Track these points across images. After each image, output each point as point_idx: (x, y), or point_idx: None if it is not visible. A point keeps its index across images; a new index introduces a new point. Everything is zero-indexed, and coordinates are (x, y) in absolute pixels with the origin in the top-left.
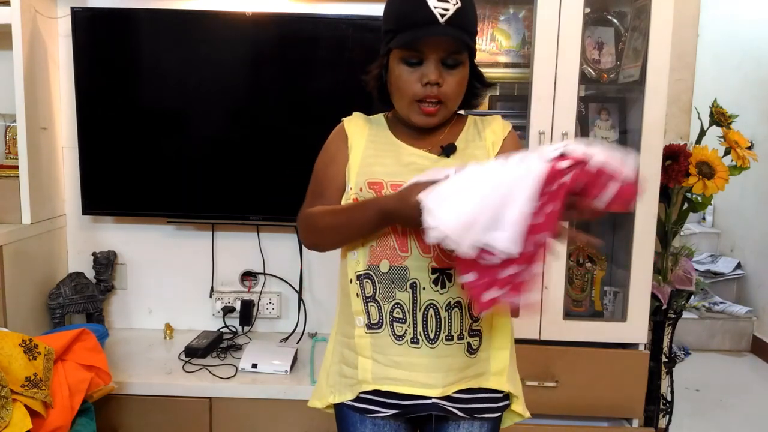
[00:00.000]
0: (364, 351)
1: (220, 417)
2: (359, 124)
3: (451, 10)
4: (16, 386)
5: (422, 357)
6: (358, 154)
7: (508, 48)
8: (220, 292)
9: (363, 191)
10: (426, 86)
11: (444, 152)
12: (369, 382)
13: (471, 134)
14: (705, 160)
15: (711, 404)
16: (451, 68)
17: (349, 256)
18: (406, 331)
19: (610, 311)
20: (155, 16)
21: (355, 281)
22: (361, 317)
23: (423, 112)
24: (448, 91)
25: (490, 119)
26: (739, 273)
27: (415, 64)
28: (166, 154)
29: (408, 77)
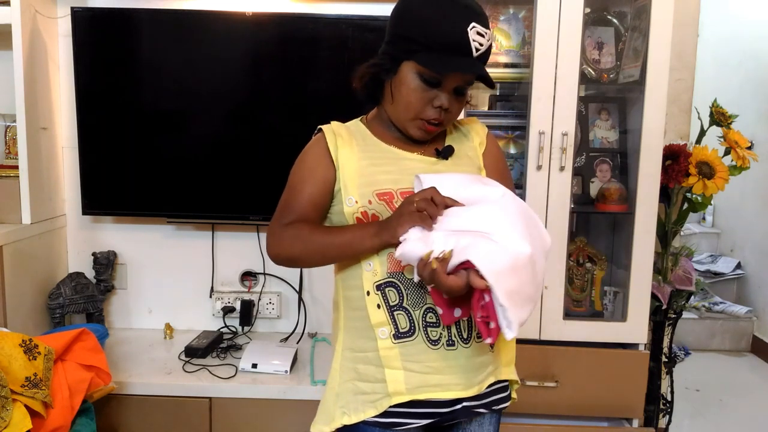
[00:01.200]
0: (393, 362)
1: (220, 417)
2: (342, 134)
3: (485, 46)
4: (16, 386)
5: (459, 358)
6: (352, 166)
7: (508, 48)
8: (220, 292)
9: (373, 203)
10: (436, 109)
11: (441, 155)
12: (403, 393)
13: (457, 136)
14: (705, 160)
15: (711, 404)
16: (459, 95)
17: (364, 267)
18: (441, 335)
19: (610, 311)
20: (155, 16)
21: (374, 292)
22: (386, 328)
23: (426, 130)
24: (451, 117)
25: (468, 121)
26: (739, 273)
27: (431, 85)
28: (166, 154)
29: (422, 95)
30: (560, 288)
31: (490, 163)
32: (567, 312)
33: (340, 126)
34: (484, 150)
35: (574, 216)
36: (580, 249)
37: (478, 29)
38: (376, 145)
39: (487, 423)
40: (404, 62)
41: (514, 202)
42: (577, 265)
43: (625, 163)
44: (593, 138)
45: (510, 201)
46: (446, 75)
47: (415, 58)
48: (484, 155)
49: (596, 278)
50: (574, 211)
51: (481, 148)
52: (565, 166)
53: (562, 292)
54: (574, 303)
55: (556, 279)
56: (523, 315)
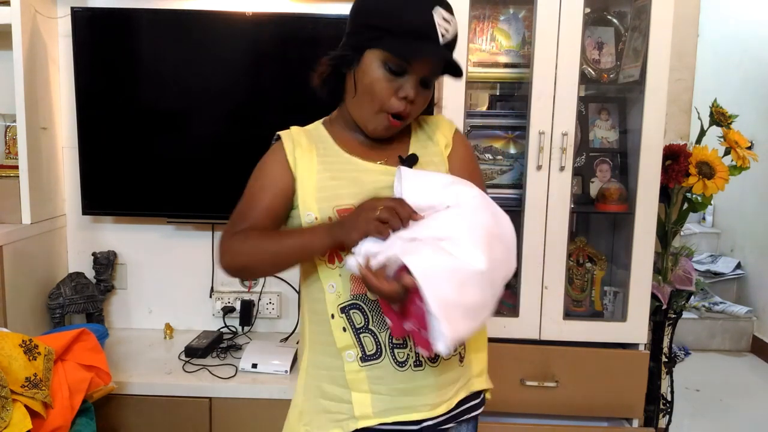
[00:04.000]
0: (360, 385)
1: (220, 417)
2: (302, 143)
3: (451, 32)
4: (16, 386)
5: (427, 378)
6: (311, 178)
7: (508, 48)
8: (220, 292)
9: (333, 220)
10: (401, 100)
11: (406, 163)
12: (370, 417)
13: (422, 139)
14: (705, 160)
15: (711, 404)
16: (426, 87)
17: (326, 290)
18: (408, 356)
19: (610, 311)
20: (155, 16)
21: (339, 315)
22: (353, 351)
23: (389, 123)
24: (417, 110)
25: (434, 120)
26: (739, 273)
27: (396, 74)
28: (166, 154)
29: (386, 85)
30: (560, 288)
31: (457, 165)
32: (567, 312)
33: (300, 132)
34: (450, 152)
35: (574, 216)
36: (580, 249)
37: (443, 14)
38: (337, 155)
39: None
40: (367, 51)
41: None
42: (577, 265)
43: (625, 163)
44: (593, 138)
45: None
46: (412, 63)
47: (380, 45)
48: (449, 157)
49: (596, 278)
50: (574, 211)
51: (447, 150)
52: (565, 166)
53: (562, 292)
54: (574, 303)
55: (556, 279)
56: (461, 330)
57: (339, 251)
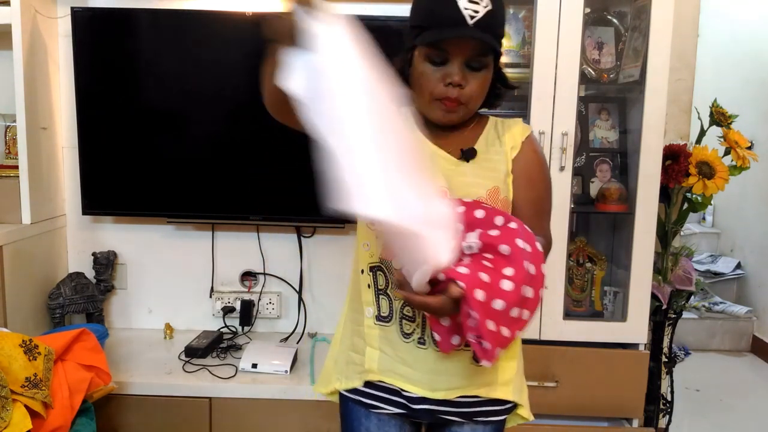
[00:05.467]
0: (372, 341)
1: (220, 417)
2: None
3: (481, 12)
4: (16, 386)
5: (427, 359)
6: None
7: (508, 48)
8: (220, 292)
9: None
10: (448, 86)
11: (464, 156)
12: (375, 372)
13: (491, 138)
14: (705, 160)
15: (711, 404)
16: (475, 70)
17: (361, 248)
18: (414, 330)
19: (610, 311)
20: (155, 16)
21: (368, 272)
22: (371, 308)
23: (444, 107)
24: (470, 93)
25: (510, 122)
26: (739, 273)
27: (439, 64)
28: (166, 154)
29: (431, 75)
30: (560, 288)
31: (520, 168)
32: (567, 312)
33: None
34: (516, 154)
35: (574, 216)
36: (580, 249)
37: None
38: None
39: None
40: (414, 51)
41: None
42: (577, 265)
43: (625, 163)
44: (593, 138)
45: None
46: (448, 49)
47: (417, 40)
48: (515, 160)
49: (596, 278)
50: (574, 211)
51: (513, 153)
52: (565, 166)
53: (562, 292)
54: (574, 303)
55: (556, 279)
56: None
57: None
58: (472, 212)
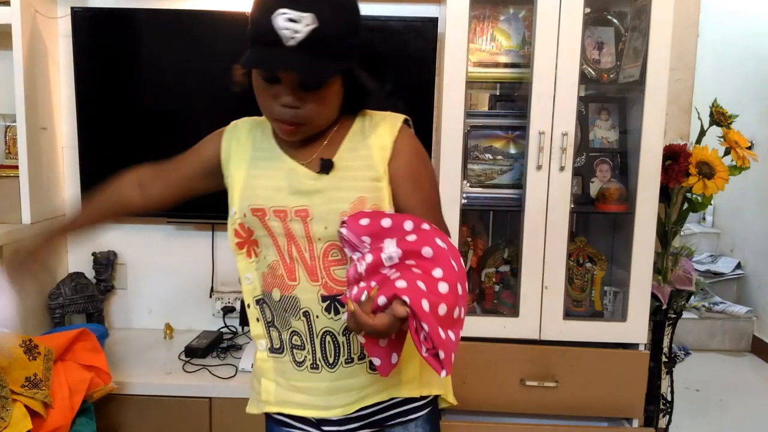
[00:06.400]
0: (268, 373)
1: (220, 417)
2: (242, 138)
3: (302, 32)
4: (16, 386)
5: (322, 381)
6: (241, 172)
7: (508, 48)
8: (220, 292)
9: (247, 217)
10: (283, 107)
11: (322, 169)
12: (272, 404)
13: (355, 142)
14: (705, 160)
15: (711, 404)
16: (312, 89)
17: (243, 281)
18: (305, 358)
19: (610, 311)
20: (155, 16)
21: (254, 306)
22: (263, 341)
23: (284, 131)
24: (308, 114)
25: (378, 119)
26: (739, 273)
27: (270, 81)
28: (166, 154)
29: (266, 93)
30: (560, 288)
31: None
32: (567, 312)
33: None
34: (390, 155)
35: (574, 216)
36: (580, 249)
37: (289, 15)
38: (270, 148)
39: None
40: None
41: None
42: (577, 265)
43: (625, 163)
44: (593, 138)
45: None
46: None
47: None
48: (391, 162)
49: (596, 278)
50: (574, 211)
51: (384, 153)
52: (565, 166)
53: (562, 292)
54: (574, 303)
55: (556, 279)
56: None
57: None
58: (378, 222)
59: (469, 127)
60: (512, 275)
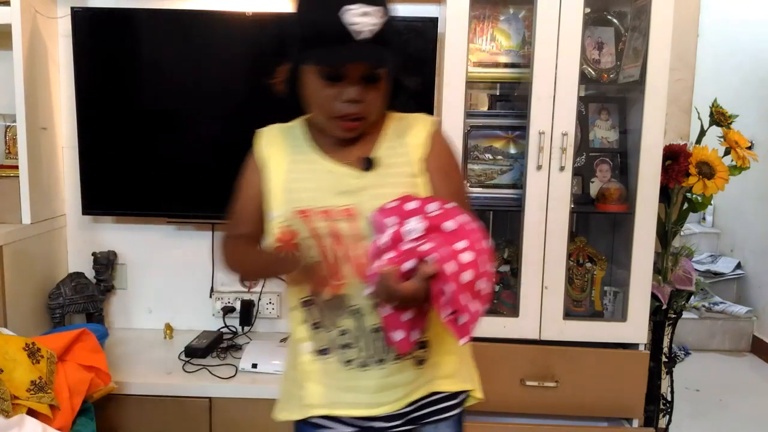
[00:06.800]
0: (313, 376)
1: (220, 417)
2: (276, 142)
3: (375, 25)
4: (21, 390)
5: (371, 379)
6: (279, 178)
7: (508, 48)
8: (220, 292)
9: (291, 219)
10: (346, 103)
11: (365, 167)
12: (316, 407)
13: (392, 140)
14: (705, 160)
15: (711, 404)
16: (372, 82)
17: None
18: (353, 358)
19: (610, 311)
20: (155, 16)
21: (300, 308)
22: (308, 344)
23: (344, 128)
24: (370, 108)
25: (412, 119)
26: (739, 273)
27: (334, 80)
28: (166, 154)
29: (326, 93)
30: (560, 288)
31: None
32: (567, 312)
33: (276, 131)
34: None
35: (574, 216)
36: (580, 249)
37: (357, 10)
38: (307, 153)
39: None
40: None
41: None
42: (577, 265)
43: (625, 163)
44: (593, 138)
45: None
46: (344, 68)
47: (303, 57)
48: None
49: (596, 278)
50: (574, 211)
51: (420, 152)
52: (565, 166)
53: (562, 292)
54: (574, 303)
55: (556, 279)
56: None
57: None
58: (403, 205)
59: (469, 127)
60: (512, 275)
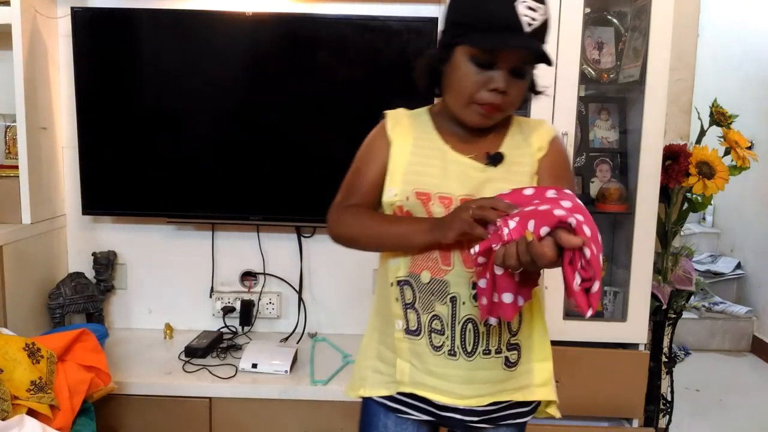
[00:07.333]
0: (403, 354)
1: (220, 417)
2: (404, 123)
3: (539, 20)
4: (21, 391)
5: (459, 369)
6: (402, 158)
7: None
8: (220, 292)
9: (410, 200)
10: (491, 92)
11: (491, 161)
12: (406, 384)
13: (517, 139)
14: (705, 160)
15: (711, 404)
16: (518, 77)
17: (390, 260)
18: (444, 343)
19: (610, 311)
20: (155, 16)
21: (395, 285)
22: (401, 321)
23: (483, 112)
24: (511, 101)
25: (535, 123)
26: (739, 273)
27: (485, 67)
28: (166, 154)
29: (475, 78)
30: (560, 288)
31: (545, 167)
32: (567, 312)
33: (403, 114)
34: (543, 155)
35: None
36: None
37: (528, 3)
38: (432, 140)
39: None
40: (456, 48)
41: None
42: None
43: (625, 163)
44: (593, 138)
45: None
46: (499, 54)
47: (465, 40)
48: (541, 160)
49: None
50: None
51: (540, 153)
52: None
53: (562, 292)
54: None
55: (556, 279)
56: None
57: None
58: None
59: None
60: None
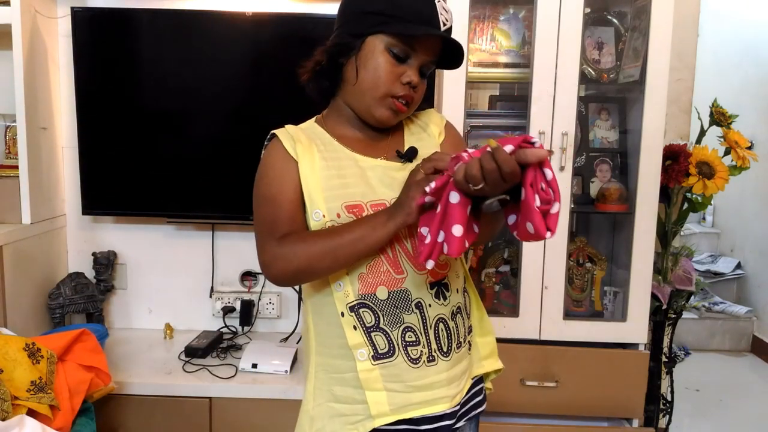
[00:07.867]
0: (373, 384)
1: (220, 417)
2: (302, 139)
3: (449, 24)
4: (21, 391)
5: (440, 372)
6: (314, 175)
7: (508, 48)
8: (220, 292)
9: (342, 217)
10: (405, 86)
11: (405, 157)
12: (388, 414)
13: (416, 132)
14: (705, 160)
15: (711, 404)
16: (423, 76)
17: (333, 289)
18: (421, 353)
19: (610, 311)
20: (155, 16)
21: (349, 313)
22: (364, 350)
23: (395, 108)
24: (418, 98)
25: (425, 113)
26: (739, 273)
27: (400, 60)
28: (166, 154)
29: (391, 70)
30: (560, 288)
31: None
32: (567, 312)
33: (297, 130)
34: (443, 140)
35: (574, 216)
36: (580, 249)
37: (442, 4)
38: (338, 151)
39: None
40: (369, 37)
41: None
42: (577, 265)
43: (625, 163)
44: (593, 138)
45: None
46: (415, 50)
47: (385, 29)
48: (442, 145)
49: (596, 278)
50: (574, 211)
51: (441, 138)
52: (565, 166)
53: (562, 292)
54: (574, 303)
55: (556, 279)
56: None
57: None
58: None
59: (469, 127)
60: (512, 275)
